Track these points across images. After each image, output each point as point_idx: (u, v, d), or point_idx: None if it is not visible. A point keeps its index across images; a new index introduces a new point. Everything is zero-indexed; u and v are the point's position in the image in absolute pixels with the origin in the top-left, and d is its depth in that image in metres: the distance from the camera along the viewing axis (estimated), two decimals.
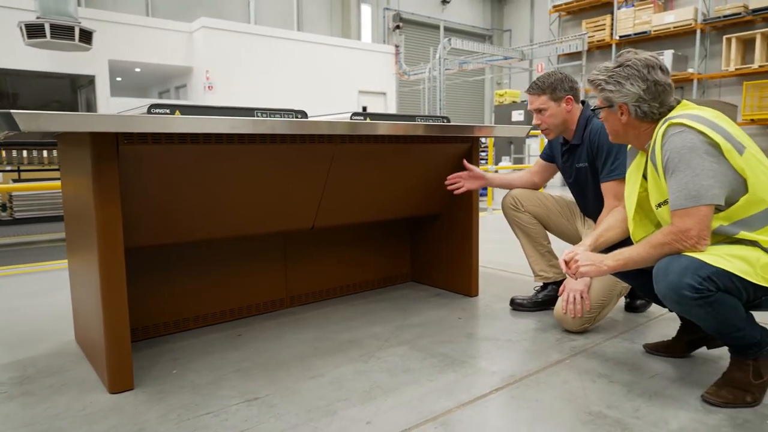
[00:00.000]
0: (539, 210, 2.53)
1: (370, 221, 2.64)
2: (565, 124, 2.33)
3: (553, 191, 2.63)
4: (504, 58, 14.72)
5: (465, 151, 2.68)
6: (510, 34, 21.36)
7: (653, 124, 1.65)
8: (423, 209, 2.79)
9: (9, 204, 5.46)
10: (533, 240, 2.55)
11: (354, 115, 2.27)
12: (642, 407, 1.57)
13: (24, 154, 5.00)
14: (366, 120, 2.19)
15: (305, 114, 2.09)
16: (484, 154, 9.76)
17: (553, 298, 2.50)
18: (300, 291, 2.68)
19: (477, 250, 2.76)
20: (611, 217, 1.96)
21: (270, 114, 1.97)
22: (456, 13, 20.15)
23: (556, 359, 1.95)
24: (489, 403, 1.62)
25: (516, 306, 2.57)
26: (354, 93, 14.47)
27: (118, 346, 1.72)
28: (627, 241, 1.80)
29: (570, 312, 2.16)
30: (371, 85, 14.87)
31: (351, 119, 2.25)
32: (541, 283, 2.59)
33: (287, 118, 1.99)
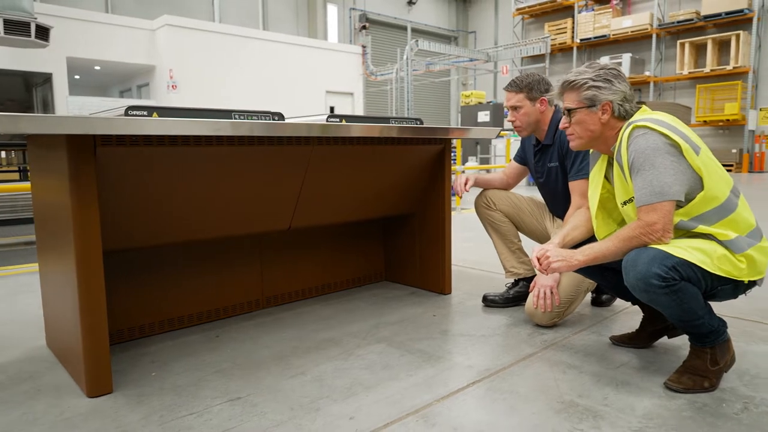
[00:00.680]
0: (511, 209, 2.62)
1: (345, 221, 2.68)
2: (538, 124, 2.43)
3: (521, 192, 2.72)
4: (470, 59, 14.94)
5: (438, 152, 2.75)
6: (475, 35, 21.70)
7: (622, 125, 1.75)
8: (397, 209, 2.85)
9: None
10: (504, 238, 2.63)
11: (330, 117, 2.30)
12: (610, 395, 1.66)
13: None
14: (342, 122, 2.23)
15: (282, 116, 2.11)
16: (453, 154, 9.89)
17: (524, 294, 2.59)
18: (276, 291, 2.70)
19: (450, 248, 2.83)
20: (576, 218, 2.06)
21: (248, 116, 1.99)
22: (422, 14, 20.33)
23: (528, 353, 2.03)
24: (467, 396, 1.68)
25: (488, 302, 2.65)
26: (321, 93, 14.44)
27: (96, 349, 1.70)
28: (591, 240, 1.89)
29: (541, 307, 2.25)
30: (338, 86, 14.87)
31: (327, 121, 2.28)
32: (512, 280, 2.68)
33: (265, 119, 2.01)
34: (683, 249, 1.58)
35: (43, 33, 9.13)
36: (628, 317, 2.42)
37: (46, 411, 1.64)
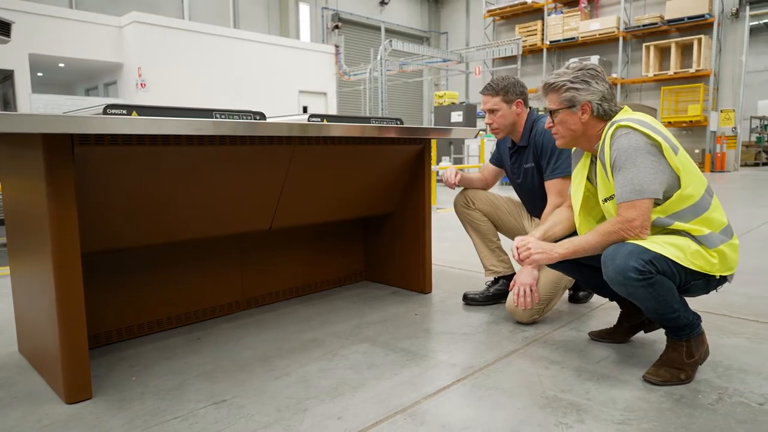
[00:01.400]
0: (490, 209, 2.65)
1: (326, 221, 2.67)
2: (514, 126, 2.47)
3: (496, 192, 2.76)
4: (443, 60, 15.05)
5: (419, 152, 2.76)
6: (446, 36, 21.87)
7: (604, 124, 1.79)
8: (378, 208, 2.85)
9: None
10: (484, 237, 2.67)
11: (312, 117, 2.29)
12: (592, 389, 1.71)
13: None
14: (324, 122, 2.22)
15: (264, 115, 2.09)
16: None
17: (504, 292, 2.63)
18: (256, 293, 2.67)
19: (430, 247, 2.85)
20: (556, 215, 2.10)
21: (229, 115, 1.96)
22: (394, 15, 20.38)
23: (510, 349, 2.06)
24: (453, 394, 1.70)
25: (469, 301, 2.67)
26: (294, 93, 14.35)
27: (74, 353, 1.66)
28: (572, 236, 1.94)
29: (521, 304, 2.29)
30: (311, 85, 14.79)
31: (309, 121, 2.27)
32: (492, 278, 2.72)
33: (247, 119, 1.98)
34: (659, 244, 1.64)
35: (4, 28, 8.80)
36: (605, 313, 2.48)
37: (23, 419, 1.58)
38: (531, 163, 2.50)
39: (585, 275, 2.04)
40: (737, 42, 14.69)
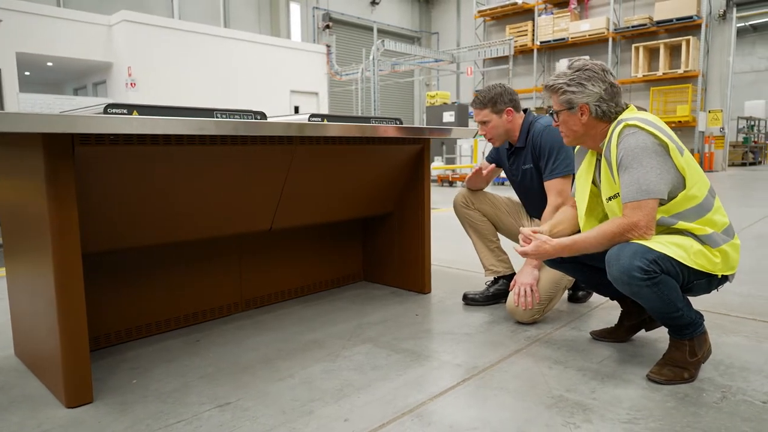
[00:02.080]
0: (489, 209, 2.65)
1: (326, 221, 2.66)
2: (508, 133, 2.49)
3: (490, 191, 2.76)
4: (435, 60, 15.07)
5: (418, 152, 2.76)
6: (437, 36, 21.90)
7: (608, 124, 1.80)
8: (378, 208, 2.84)
9: None
10: (483, 236, 2.67)
11: (312, 117, 2.27)
12: (597, 389, 1.71)
13: None
14: (324, 122, 2.21)
15: (264, 115, 2.07)
16: None
17: (504, 291, 2.63)
18: (255, 294, 2.65)
19: (429, 247, 2.85)
20: (560, 214, 2.10)
21: (230, 115, 1.94)
22: (385, 15, 20.38)
23: (513, 349, 2.06)
24: (458, 394, 1.70)
25: (469, 301, 2.67)
26: (286, 93, 14.28)
27: (75, 357, 1.63)
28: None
29: (522, 304, 2.29)
30: (303, 85, 14.74)
31: (309, 120, 2.26)
32: (492, 278, 2.72)
33: (248, 119, 1.97)
34: (663, 244, 1.65)
35: None
36: (604, 312, 2.49)
37: (22, 423, 1.56)
38: (530, 164, 2.50)
39: (586, 275, 2.05)
40: (725, 43, 14.86)
